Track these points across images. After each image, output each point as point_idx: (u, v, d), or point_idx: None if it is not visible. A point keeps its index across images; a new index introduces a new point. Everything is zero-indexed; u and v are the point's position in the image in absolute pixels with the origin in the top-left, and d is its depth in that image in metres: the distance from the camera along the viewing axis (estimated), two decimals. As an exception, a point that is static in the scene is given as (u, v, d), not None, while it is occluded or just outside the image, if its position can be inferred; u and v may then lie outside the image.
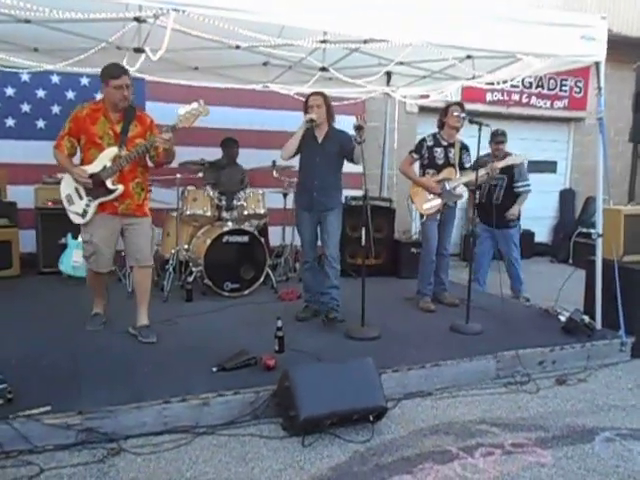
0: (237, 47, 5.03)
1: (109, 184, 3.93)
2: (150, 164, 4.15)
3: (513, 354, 4.07)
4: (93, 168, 3.92)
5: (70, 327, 4.29)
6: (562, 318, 4.77)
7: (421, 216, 5.34)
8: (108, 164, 3.91)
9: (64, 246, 5.76)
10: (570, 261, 8.81)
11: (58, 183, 6.06)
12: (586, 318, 4.57)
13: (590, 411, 3.57)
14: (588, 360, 4.30)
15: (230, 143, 6.48)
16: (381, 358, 3.61)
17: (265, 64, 6.10)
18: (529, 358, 4.12)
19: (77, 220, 4.04)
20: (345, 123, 4.72)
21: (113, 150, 3.91)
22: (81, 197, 3.98)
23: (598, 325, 4.64)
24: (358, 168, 4.50)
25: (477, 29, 3.98)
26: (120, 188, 3.95)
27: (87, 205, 3.97)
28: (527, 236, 9.08)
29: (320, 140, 4.61)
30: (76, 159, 4.08)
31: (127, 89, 3.88)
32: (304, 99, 4.71)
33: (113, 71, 3.86)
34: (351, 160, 4.57)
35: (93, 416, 2.93)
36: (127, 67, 4.05)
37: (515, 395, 3.77)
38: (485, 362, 4.00)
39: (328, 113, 4.59)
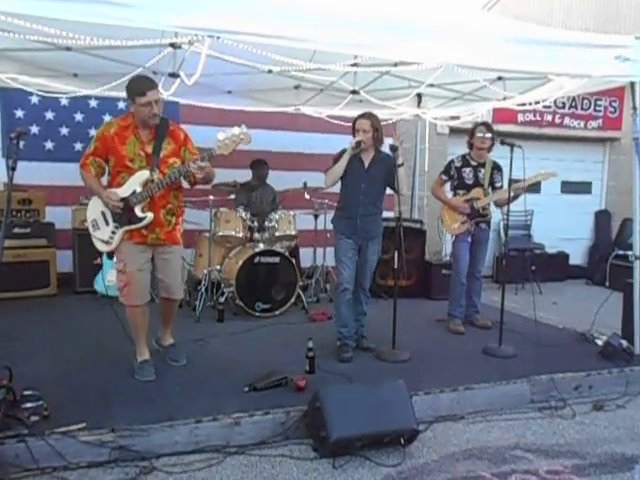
0: (269, 71, 5.12)
1: (138, 211, 3.65)
2: (185, 185, 3.96)
3: (548, 378, 3.99)
4: (122, 192, 3.65)
5: (103, 346, 4.37)
6: (599, 342, 4.69)
7: (451, 236, 5.35)
8: (138, 189, 3.62)
9: (99, 266, 5.88)
10: (607, 284, 8.61)
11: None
12: (624, 342, 4.48)
13: (629, 439, 3.48)
14: (627, 386, 4.19)
15: (260, 164, 6.56)
16: (412, 380, 3.58)
17: (297, 87, 6.20)
18: (565, 383, 4.04)
19: (102, 247, 3.78)
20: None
21: (144, 174, 3.63)
22: (107, 223, 3.71)
23: (637, 350, 4.54)
24: (388, 189, 4.52)
25: (508, 51, 3.99)
26: (149, 216, 3.66)
27: (113, 232, 3.70)
28: (561, 258, 8.96)
29: (366, 165, 4.40)
30: (103, 179, 3.86)
31: (157, 104, 3.58)
32: (352, 122, 4.43)
33: (139, 87, 3.58)
34: (393, 188, 4.40)
35: (126, 434, 2.97)
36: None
37: (550, 420, 3.70)
38: (519, 386, 3.93)
39: (376, 137, 4.36)
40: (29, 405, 3.09)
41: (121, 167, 3.67)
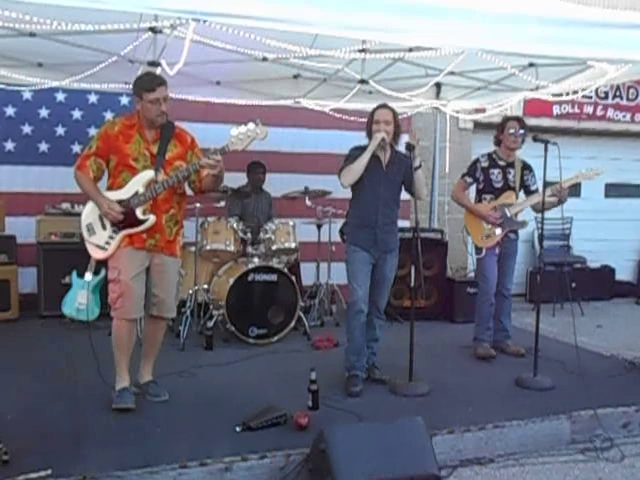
0: (264, 59, 5.17)
1: (139, 213, 3.83)
2: (189, 191, 4.10)
3: (591, 414, 3.98)
4: (123, 194, 3.84)
5: (73, 378, 4.36)
6: (651, 371, 4.68)
7: (477, 250, 5.32)
8: (141, 190, 3.82)
9: (68, 286, 5.90)
10: (660, 303, 8.62)
11: (63, 214, 6.36)
12: (681, 372, 4.47)
13: (687, 484, 3.47)
14: (685, 423, 4.19)
15: (256, 167, 6.58)
16: (432, 418, 3.58)
17: (296, 77, 6.24)
18: (611, 419, 4.03)
19: (97, 254, 3.92)
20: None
21: (148, 174, 3.83)
22: (104, 227, 3.88)
23: (696, 380, 4.54)
24: (404, 194, 4.54)
25: (541, 33, 4.01)
26: (151, 219, 3.84)
27: (110, 237, 3.86)
28: (606, 273, 8.94)
29: (384, 166, 4.43)
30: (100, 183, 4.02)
31: (165, 102, 3.82)
32: (370, 114, 4.46)
33: (147, 83, 3.81)
34: (410, 191, 4.47)
35: (99, 482, 2.98)
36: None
37: (594, 464, 3.67)
38: (558, 423, 3.92)
39: (395, 133, 4.40)
40: (-15, 448, 3.10)
41: (124, 166, 3.87)
